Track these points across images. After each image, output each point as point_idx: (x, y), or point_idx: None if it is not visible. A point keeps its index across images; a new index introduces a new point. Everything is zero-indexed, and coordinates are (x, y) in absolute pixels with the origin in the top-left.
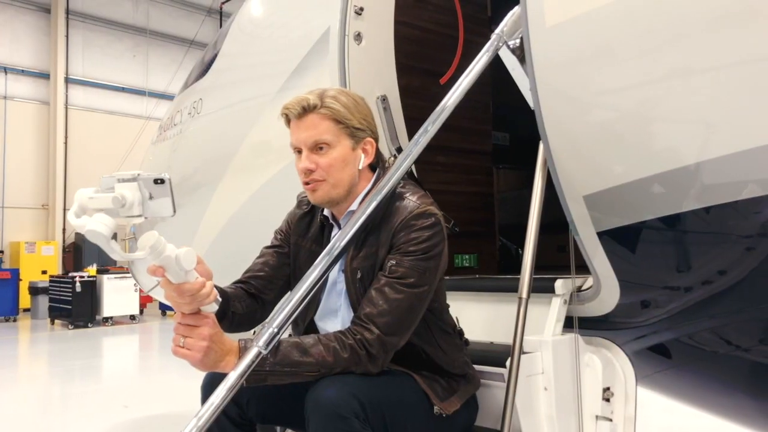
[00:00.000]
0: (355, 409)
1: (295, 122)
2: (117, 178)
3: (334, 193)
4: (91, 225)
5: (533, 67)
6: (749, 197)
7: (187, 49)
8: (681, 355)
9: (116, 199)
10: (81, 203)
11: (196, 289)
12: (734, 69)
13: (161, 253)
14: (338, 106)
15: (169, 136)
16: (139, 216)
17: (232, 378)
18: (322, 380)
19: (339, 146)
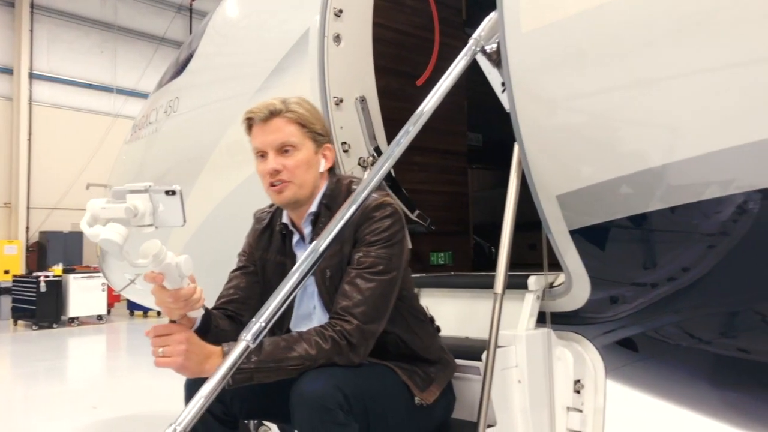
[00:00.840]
0: (339, 400)
1: (260, 126)
2: (128, 189)
3: (300, 194)
4: (106, 234)
5: (509, 71)
6: (711, 198)
7: (157, 46)
8: (647, 349)
9: (129, 209)
10: (93, 213)
11: (190, 294)
12: (697, 75)
13: (163, 260)
14: (302, 111)
15: (143, 135)
16: (150, 225)
17: (220, 372)
18: (307, 374)
19: (304, 149)
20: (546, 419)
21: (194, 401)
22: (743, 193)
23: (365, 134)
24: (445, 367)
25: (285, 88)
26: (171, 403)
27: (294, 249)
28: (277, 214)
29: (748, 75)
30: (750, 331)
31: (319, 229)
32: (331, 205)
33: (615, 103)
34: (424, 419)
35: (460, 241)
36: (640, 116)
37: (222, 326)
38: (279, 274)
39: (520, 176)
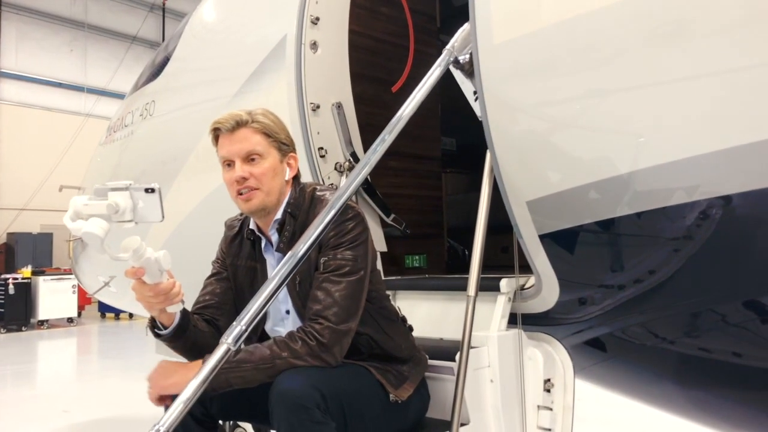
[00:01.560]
0: (316, 399)
1: (227, 136)
2: (110, 187)
3: (267, 201)
4: (88, 228)
5: (481, 80)
6: (676, 204)
7: (129, 45)
8: (614, 348)
9: (110, 206)
10: (76, 209)
11: (169, 288)
12: (664, 85)
13: (142, 255)
14: (267, 122)
15: (118, 138)
16: (129, 221)
17: (202, 374)
18: (284, 374)
19: (269, 157)
20: (517, 417)
21: (176, 404)
22: (706, 199)
23: (341, 140)
24: (417, 364)
25: (262, 93)
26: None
27: (264, 253)
28: (246, 221)
29: (713, 85)
30: (711, 331)
31: (284, 236)
32: (295, 213)
33: (583, 112)
34: (399, 416)
35: (435, 243)
36: (607, 125)
37: (200, 327)
38: (250, 278)
39: (491, 182)
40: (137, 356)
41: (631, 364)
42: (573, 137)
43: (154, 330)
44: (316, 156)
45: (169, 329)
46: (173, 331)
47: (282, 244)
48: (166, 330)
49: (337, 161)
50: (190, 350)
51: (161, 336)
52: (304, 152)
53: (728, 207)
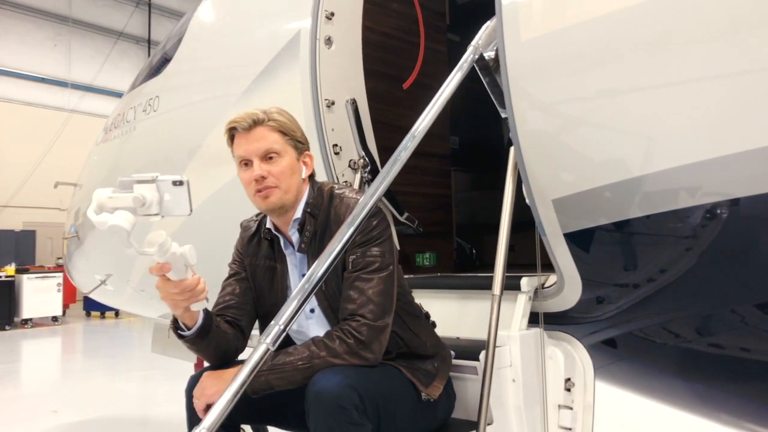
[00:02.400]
0: (354, 401)
1: (243, 135)
2: (135, 179)
3: (285, 199)
4: (115, 220)
5: (507, 77)
6: (705, 203)
7: (115, 41)
8: (633, 347)
9: (137, 198)
10: (100, 202)
11: (195, 284)
12: (694, 84)
13: (168, 250)
14: (284, 120)
15: (117, 135)
16: (156, 215)
17: (242, 374)
18: (321, 374)
19: (287, 156)
20: (539, 417)
21: (217, 405)
22: (737, 199)
23: (355, 137)
24: (444, 361)
25: (274, 90)
26: (132, 406)
27: (284, 252)
28: (263, 221)
29: (744, 84)
30: (735, 330)
31: (306, 236)
32: (315, 212)
33: (611, 110)
34: (429, 415)
35: (444, 242)
36: (636, 123)
37: (223, 328)
38: (270, 278)
39: (515, 179)
40: (124, 355)
41: (649, 363)
42: (601, 135)
43: (177, 331)
44: (330, 153)
45: (193, 330)
46: (197, 332)
47: (303, 244)
48: (189, 331)
49: (351, 158)
50: (214, 352)
51: (185, 337)
52: (318, 149)
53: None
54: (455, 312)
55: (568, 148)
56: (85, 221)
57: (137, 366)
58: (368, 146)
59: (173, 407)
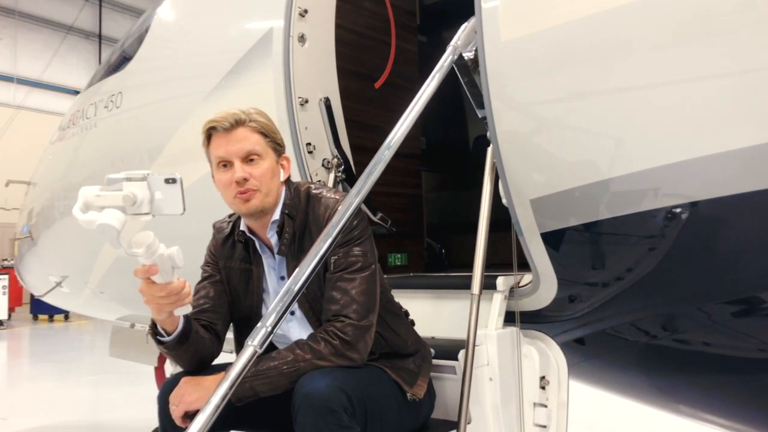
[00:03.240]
0: (343, 403)
1: (223, 135)
2: (125, 176)
3: (266, 202)
4: (104, 219)
5: (487, 77)
6: (681, 203)
7: (65, 35)
8: (603, 345)
9: (127, 197)
10: (87, 200)
11: (181, 287)
12: (673, 85)
13: (155, 252)
14: (264, 121)
15: (76, 132)
16: (147, 214)
17: (230, 377)
18: (308, 376)
19: (268, 158)
20: (515, 415)
21: (203, 413)
22: (711, 200)
23: (329, 136)
24: (425, 359)
25: (245, 88)
26: (84, 412)
27: (260, 254)
28: (237, 222)
29: (722, 86)
30: (697, 326)
31: (285, 238)
32: (293, 213)
33: (590, 111)
34: (413, 415)
35: (414, 242)
36: (615, 124)
37: (201, 333)
38: (245, 281)
39: (494, 179)
40: (74, 360)
41: (617, 359)
42: (579, 136)
43: (155, 337)
44: (304, 152)
45: (173, 335)
46: (178, 337)
47: (283, 246)
48: (169, 336)
49: (324, 157)
50: (191, 358)
51: (164, 343)
52: (292, 148)
53: (736, 208)
54: (430, 312)
55: (547, 149)
56: (39, 221)
57: (88, 370)
58: (342, 145)
59: (127, 413)
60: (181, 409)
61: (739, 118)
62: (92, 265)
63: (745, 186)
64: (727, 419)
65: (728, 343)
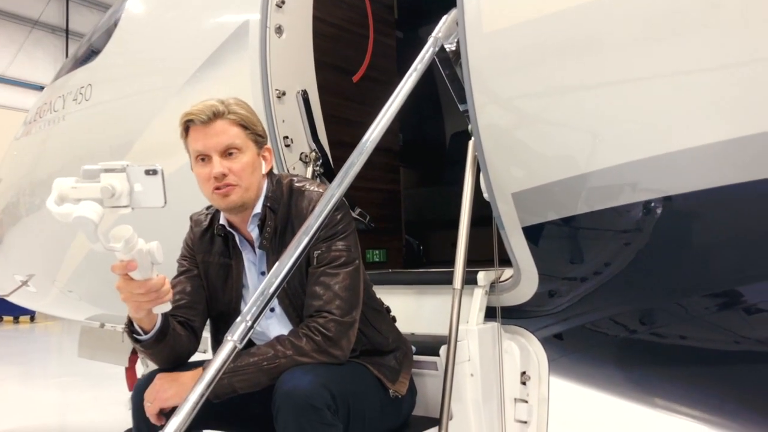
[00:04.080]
0: (327, 400)
1: (201, 128)
2: (103, 168)
3: (246, 197)
4: (81, 212)
5: (469, 69)
6: (662, 197)
7: (30, 30)
8: (583, 339)
9: (106, 189)
10: (62, 192)
11: (161, 284)
12: (657, 79)
13: (134, 247)
14: (244, 113)
15: (41, 127)
16: (125, 207)
17: (209, 373)
18: (290, 373)
19: (248, 151)
20: (496, 411)
21: (181, 410)
22: (689, 193)
23: (307, 129)
24: (406, 355)
25: (221, 80)
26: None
27: (240, 248)
28: (216, 215)
29: (707, 79)
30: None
31: (267, 232)
32: (275, 207)
33: (573, 104)
34: (396, 413)
35: (393, 238)
36: (596, 118)
37: (178, 330)
38: (223, 276)
39: (475, 172)
40: (40, 361)
41: (595, 354)
42: (561, 130)
43: (132, 335)
44: (281, 145)
45: (150, 333)
46: (155, 336)
47: (265, 240)
48: (146, 335)
49: (302, 151)
50: (168, 356)
51: (141, 341)
52: (268, 141)
53: (719, 201)
54: (410, 308)
55: (529, 142)
56: (4, 219)
57: (55, 373)
58: (319, 139)
59: (95, 416)
60: (156, 406)
61: (714, 113)
62: (60, 262)
63: (722, 179)
64: (701, 411)
65: (704, 336)
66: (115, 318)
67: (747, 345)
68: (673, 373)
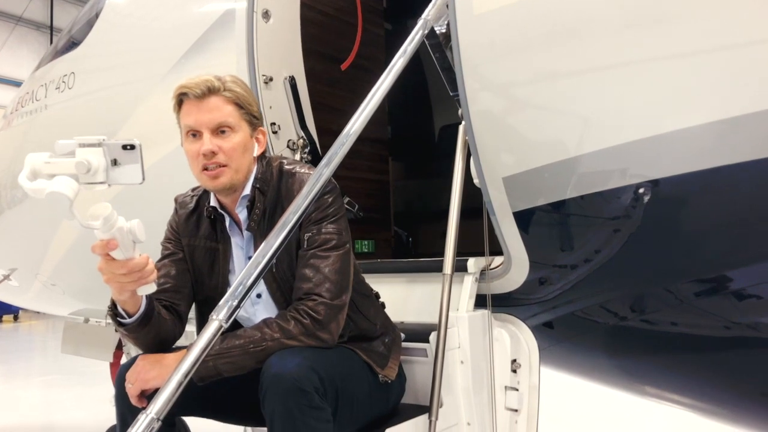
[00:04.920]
0: (315, 383)
1: (194, 103)
2: (78, 142)
3: (236, 179)
4: (56, 187)
5: (459, 52)
6: (655, 179)
7: (14, 26)
8: (573, 328)
9: (81, 164)
10: (34, 168)
11: (144, 263)
12: (648, 63)
13: (114, 225)
14: (240, 91)
15: (22, 115)
16: (102, 183)
17: (193, 353)
18: (277, 356)
19: (240, 131)
20: (486, 398)
21: (166, 387)
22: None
23: (294, 116)
24: (395, 341)
25: (206, 65)
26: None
27: (229, 233)
28: (203, 197)
29: (697, 63)
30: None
31: (255, 214)
32: (264, 189)
33: (564, 87)
34: (384, 399)
35: (381, 229)
36: (589, 99)
37: (162, 314)
38: (210, 260)
39: (466, 157)
40: (24, 360)
41: (585, 342)
42: (552, 111)
43: (116, 318)
44: (268, 132)
45: (135, 316)
46: (139, 319)
47: (253, 222)
48: (130, 318)
49: (289, 138)
50: (153, 342)
51: (125, 325)
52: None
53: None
54: (399, 296)
55: (520, 125)
56: None
57: (39, 371)
58: (307, 126)
59: (79, 414)
60: (138, 387)
61: (705, 94)
62: (43, 255)
63: (714, 161)
64: (693, 399)
65: (696, 322)
66: (99, 313)
67: (739, 331)
68: (665, 361)
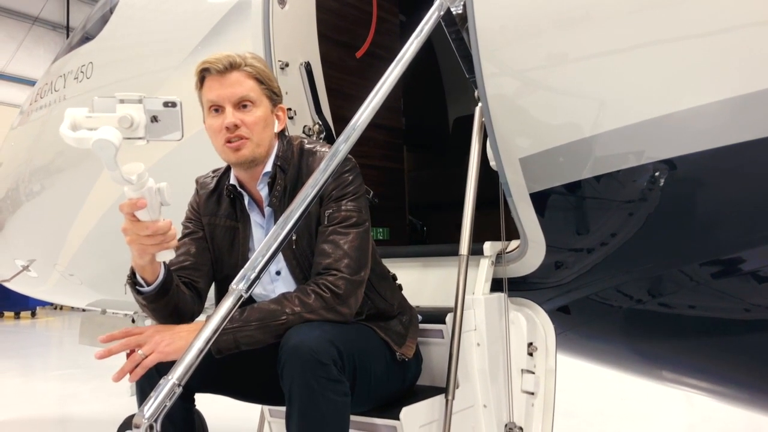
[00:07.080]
0: (333, 356)
1: (216, 78)
2: (118, 98)
3: (257, 152)
4: (102, 134)
5: (476, 33)
6: (676, 156)
7: (30, 26)
8: (589, 312)
9: (125, 118)
10: (75, 120)
11: (167, 227)
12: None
13: (144, 184)
14: (261, 67)
15: (42, 107)
16: (141, 138)
17: (215, 320)
18: (296, 329)
19: (262, 106)
20: (503, 381)
21: (190, 352)
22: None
23: (310, 102)
24: (411, 321)
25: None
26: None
27: (248, 211)
28: (223, 177)
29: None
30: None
31: (276, 190)
32: (285, 166)
33: (582, 67)
34: (401, 377)
35: (396, 217)
36: (607, 78)
37: (182, 289)
38: (230, 239)
39: (482, 138)
40: (41, 355)
41: (602, 327)
42: (569, 90)
43: (135, 287)
44: None
45: (154, 284)
46: (159, 287)
47: (275, 198)
48: (149, 286)
49: (305, 124)
50: (171, 314)
51: (143, 293)
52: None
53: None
54: (415, 280)
55: (536, 105)
56: (5, 205)
57: (56, 365)
58: (323, 112)
59: (96, 406)
60: (154, 359)
61: (721, 71)
62: (61, 245)
63: (732, 137)
64: (711, 383)
65: (715, 305)
66: (116, 304)
67: (759, 313)
68: (683, 345)
